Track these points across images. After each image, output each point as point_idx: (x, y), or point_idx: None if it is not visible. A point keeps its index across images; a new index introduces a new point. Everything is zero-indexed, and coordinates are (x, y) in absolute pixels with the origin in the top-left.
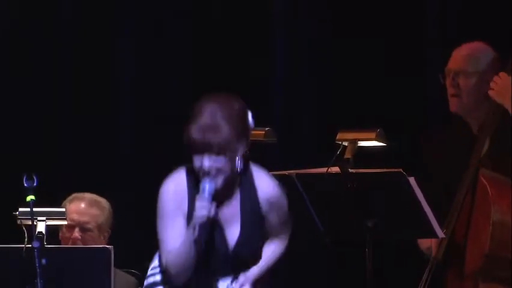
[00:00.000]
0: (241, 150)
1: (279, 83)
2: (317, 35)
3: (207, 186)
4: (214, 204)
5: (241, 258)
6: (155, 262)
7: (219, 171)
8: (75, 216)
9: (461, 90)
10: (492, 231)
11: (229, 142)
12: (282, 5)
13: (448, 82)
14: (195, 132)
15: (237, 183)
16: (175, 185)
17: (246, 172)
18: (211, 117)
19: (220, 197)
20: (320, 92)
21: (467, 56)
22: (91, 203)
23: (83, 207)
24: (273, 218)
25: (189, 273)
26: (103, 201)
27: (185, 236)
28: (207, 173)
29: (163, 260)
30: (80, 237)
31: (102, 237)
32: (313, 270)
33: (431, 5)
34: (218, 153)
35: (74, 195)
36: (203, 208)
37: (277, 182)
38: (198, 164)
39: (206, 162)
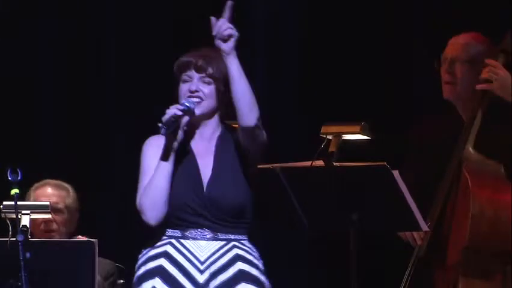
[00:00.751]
0: (225, 99)
1: (261, 76)
2: (298, 29)
3: (187, 100)
4: (186, 117)
5: (215, 203)
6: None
7: (203, 97)
8: (44, 200)
9: (456, 77)
10: (471, 224)
11: (220, 74)
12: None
13: (443, 69)
14: (186, 56)
15: (218, 130)
16: (157, 138)
17: (226, 127)
18: (208, 51)
19: (197, 138)
20: (303, 86)
21: (465, 44)
22: (57, 186)
23: (50, 191)
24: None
25: (164, 206)
26: (66, 185)
27: (157, 164)
28: (190, 97)
29: (137, 202)
30: (52, 219)
31: (73, 220)
32: (297, 264)
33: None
34: (207, 76)
35: (35, 184)
36: (174, 108)
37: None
38: (184, 89)
39: (193, 85)
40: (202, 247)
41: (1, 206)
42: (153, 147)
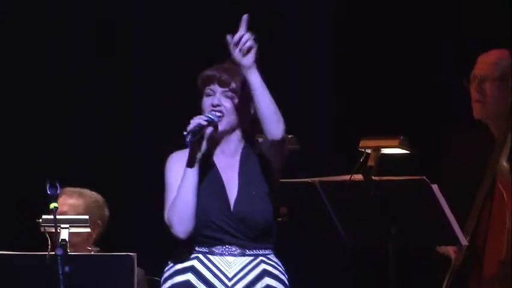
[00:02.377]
0: (248, 113)
1: (297, 89)
2: (335, 38)
3: (210, 113)
4: (210, 128)
5: (242, 220)
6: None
7: (225, 111)
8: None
9: (486, 96)
10: (507, 238)
11: (242, 87)
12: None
13: (473, 87)
14: (210, 70)
15: (241, 145)
16: (181, 154)
17: (249, 146)
18: (231, 65)
19: (220, 154)
20: (339, 99)
21: (494, 62)
22: (70, 194)
23: (62, 199)
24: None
25: (192, 219)
26: (87, 192)
27: (183, 177)
28: (212, 110)
29: (166, 217)
30: None
31: (89, 231)
32: (337, 278)
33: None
34: (230, 91)
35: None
36: (199, 118)
37: None
38: (207, 103)
39: (216, 99)
40: (230, 263)
41: (40, 220)
42: (178, 162)
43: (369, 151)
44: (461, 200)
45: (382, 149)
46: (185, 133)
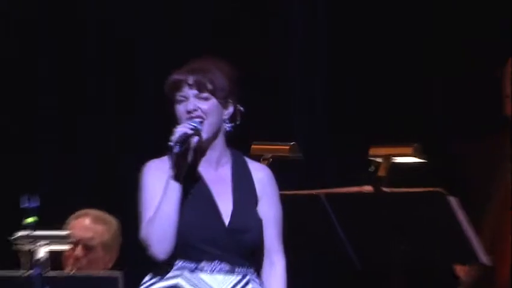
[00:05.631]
0: (230, 111)
1: (298, 93)
2: (336, 36)
3: (192, 120)
4: (195, 137)
5: (237, 236)
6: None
7: (204, 115)
8: (78, 232)
9: None
10: None
11: (217, 86)
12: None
13: (507, 81)
14: (176, 74)
15: (226, 153)
16: (159, 162)
17: (233, 151)
18: (198, 63)
19: (204, 163)
20: (345, 103)
21: None
22: (97, 219)
23: (88, 223)
24: (265, 208)
25: (174, 239)
26: (111, 218)
27: (164, 191)
28: (190, 118)
29: (142, 234)
30: (83, 255)
31: (108, 258)
32: None
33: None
34: (203, 92)
35: (80, 211)
36: (183, 126)
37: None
38: (181, 110)
39: (190, 104)
40: (219, 281)
41: (14, 237)
42: (156, 172)
43: (379, 160)
44: (480, 214)
45: (394, 158)
46: (171, 144)
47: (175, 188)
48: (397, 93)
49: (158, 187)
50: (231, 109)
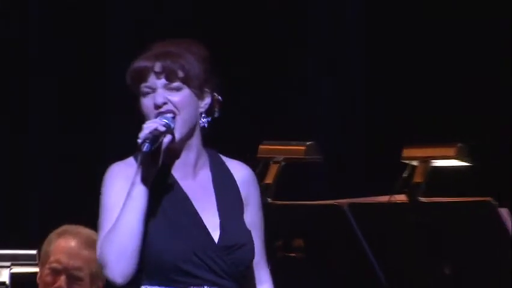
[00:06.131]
0: (207, 102)
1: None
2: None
3: (163, 116)
4: (168, 136)
5: (230, 254)
6: None
7: (175, 109)
8: (63, 258)
9: None
10: None
11: (189, 72)
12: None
13: None
14: (140, 61)
15: (203, 154)
16: (124, 165)
17: (208, 151)
18: (165, 47)
19: (182, 164)
20: (374, 95)
21: None
22: (87, 243)
23: (75, 247)
24: (251, 215)
25: (135, 257)
26: None
27: (127, 198)
28: (160, 113)
29: (98, 250)
30: (66, 286)
31: None
32: None
33: None
34: (174, 81)
35: (65, 227)
36: (153, 122)
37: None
38: (147, 104)
39: (159, 96)
40: None
41: None
42: (120, 176)
43: (415, 163)
44: None
45: (433, 161)
46: (139, 141)
47: (141, 194)
48: (437, 90)
49: (121, 195)
50: (207, 100)
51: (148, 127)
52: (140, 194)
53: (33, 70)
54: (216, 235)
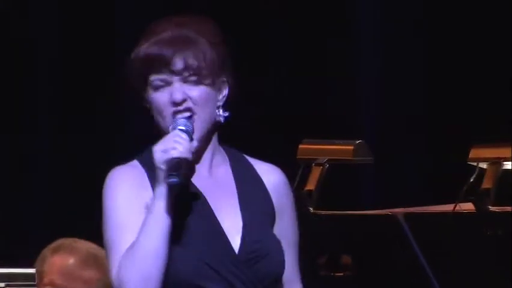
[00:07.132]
0: (225, 93)
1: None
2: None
3: (181, 122)
4: (192, 145)
5: (252, 267)
6: None
7: (195, 108)
8: (58, 280)
9: None
10: None
11: (213, 59)
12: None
13: None
14: (155, 46)
15: (220, 151)
16: (129, 169)
17: (226, 148)
18: (179, 29)
19: (199, 165)
20: (433, 89)
21: None
22: (87, 261)
23: (73, 266)
24: (284, 226)
25: (160, 281)
26: (103, 254)
27: (150, 216)
28: (177, 111)
29: (116, 271)
30: None
31: None
32: None
33: None
34: (194, 73)
35: (60, 241)
36: (173, 140)
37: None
38: (162, 100)
39: (178, 92)
40: None
41: None
42: (126, 180)
43: (484, 165)
44: None
45: (506, 163)
46: (168, 180)
47: (165, 209)
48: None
49: (132, 204)
50: (225, 92)
51: (165, 153)
52: (163, 210)
53: (33, 70)
54: (236, 242)
